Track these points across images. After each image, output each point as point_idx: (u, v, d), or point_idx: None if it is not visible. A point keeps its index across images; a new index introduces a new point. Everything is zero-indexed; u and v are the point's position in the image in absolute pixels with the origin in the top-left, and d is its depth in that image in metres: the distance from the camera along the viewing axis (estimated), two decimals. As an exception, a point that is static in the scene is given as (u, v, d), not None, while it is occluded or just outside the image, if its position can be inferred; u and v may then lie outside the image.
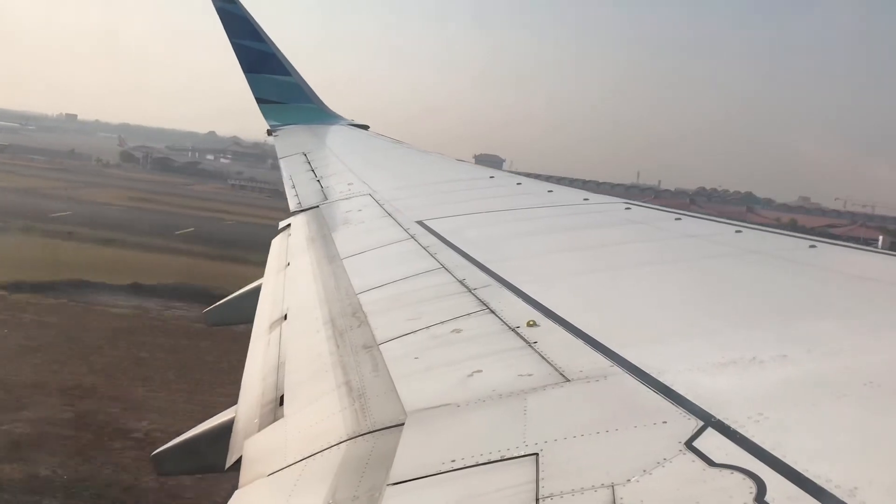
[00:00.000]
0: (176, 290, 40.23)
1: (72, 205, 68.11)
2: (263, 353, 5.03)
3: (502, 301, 4.41)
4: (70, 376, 26.14)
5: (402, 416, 3.21)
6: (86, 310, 35.69)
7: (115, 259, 46.15)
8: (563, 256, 5.64)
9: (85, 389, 25.15)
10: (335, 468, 3.00)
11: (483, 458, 2.66)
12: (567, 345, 3.59)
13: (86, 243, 51.01)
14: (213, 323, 9.32)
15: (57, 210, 62.83)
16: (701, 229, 5.94)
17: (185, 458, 5.17)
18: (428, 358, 3.85)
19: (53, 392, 24.34)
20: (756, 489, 2.13)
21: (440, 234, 6.50)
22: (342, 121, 19.24)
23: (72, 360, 27.95)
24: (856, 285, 4.34)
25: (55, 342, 29.68)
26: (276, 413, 4.01)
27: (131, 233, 55.84)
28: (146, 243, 53.34)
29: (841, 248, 5.01)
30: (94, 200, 75.17)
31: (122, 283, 40.28)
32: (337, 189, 10.56)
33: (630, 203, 7.20)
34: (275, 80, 18.96)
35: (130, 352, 30.06)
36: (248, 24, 18.73)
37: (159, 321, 35.69)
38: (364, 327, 4.57)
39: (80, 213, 63.43)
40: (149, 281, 41.22)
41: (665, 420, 2.66)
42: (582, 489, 2.32)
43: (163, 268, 44.99)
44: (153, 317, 36.36)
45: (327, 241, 7.47)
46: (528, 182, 9.30)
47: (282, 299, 6.09)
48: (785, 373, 2.96)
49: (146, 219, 65.34)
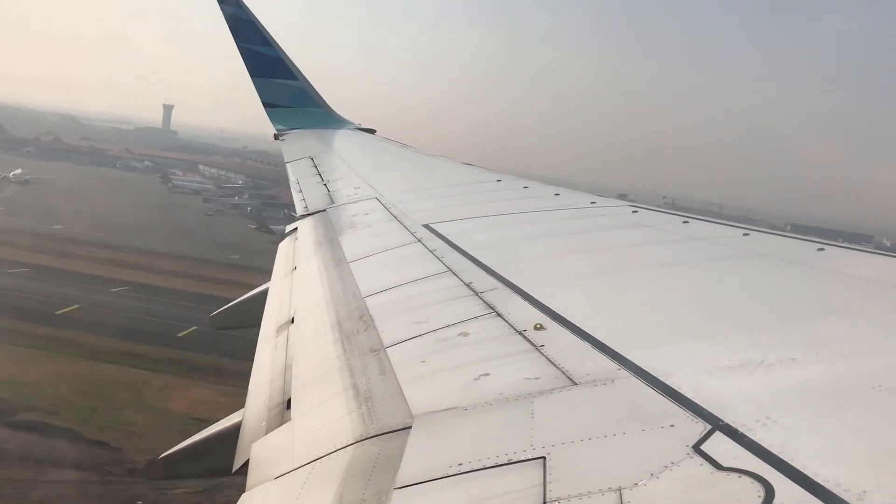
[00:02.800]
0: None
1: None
2: (271, 356, 5.04)
3: (509, 304, 4.41)
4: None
5: (409, 419, 3.21)
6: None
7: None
8: (570, 259, 5.63)
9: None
10: (342, 471, 3.01)
11: (490, 461, 2.66)
12: (574, 348, 3.59)
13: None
14: (218, 327, 9.34)
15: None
16: (709, 232, 5.93)
17: (193, 460, 5.18)
18: (435, 361, 3.85)
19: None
20: (764, 493, 2.12)
21: (447, 237, 6.50)
22: (349, 125, 19.25)
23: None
24: (864, 288, 4.32)
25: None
26: (283, 416, 4.01)
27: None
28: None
29: (849, 251, 4.98)
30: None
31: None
32: (344, 193, 10.57)
33: (637, 206, 7.18)
34: (282, 84, 19.00)
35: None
36: (256, 29, 18.78)
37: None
38: (371, 331, 4.57)
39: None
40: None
41: (673, 423, 2.65)
42: (589, 493, 2.32)
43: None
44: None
45: (334, 245, 7.48)
46: (534, 185, 9.28)
47: (289, 303, 6.10)
48: (793, 376, 2.95)
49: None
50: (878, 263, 4.73)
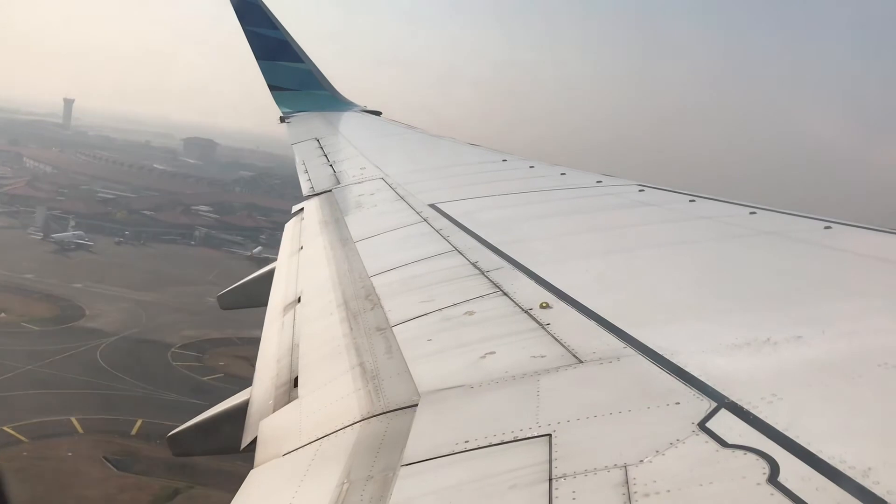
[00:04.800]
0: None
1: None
2: (278, 335, 5.07)
3: (515, 283, 4.41)
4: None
5: (416, 397, 3.23)
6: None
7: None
8: (576, 238, 5.62)
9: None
10: (349, 449, 3.03)
11: (496, 438, 2.67)
12: (580, 326, 3.59)
13: None
14: (225, 307, 9.36)
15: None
16: (715, 211, 5.90)
17: (201, 438, 5.21)
18: (441, 340, 3.86)
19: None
20: (769, 470, 2.13)
21: (453, 216, 6.50)
22: (355, 107, 19.17)
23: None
24: (871, 266, 4.30)
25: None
26: (290, 394, 4.04)
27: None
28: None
29: (856, 229, 4.96)
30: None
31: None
32: (349, 173, 10.55)
33: (644, 185, 7.15)
34: (288, 67, 18.90)
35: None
36: (261, 12, 18.66)
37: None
38: (377, 309, 4.59)
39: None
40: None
41: (678, 401, 2.66)
42: (595, 469, 2.33)
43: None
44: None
45: (340, 225, 7.48)
46: (540, 165, 9.24)
47: (295, 282, 6.12)
48: (799, 354, 2.95)
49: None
50: (885, 241, 4.70)
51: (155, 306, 65.03)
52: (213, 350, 55.83)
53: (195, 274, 77.00)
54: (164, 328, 60.06)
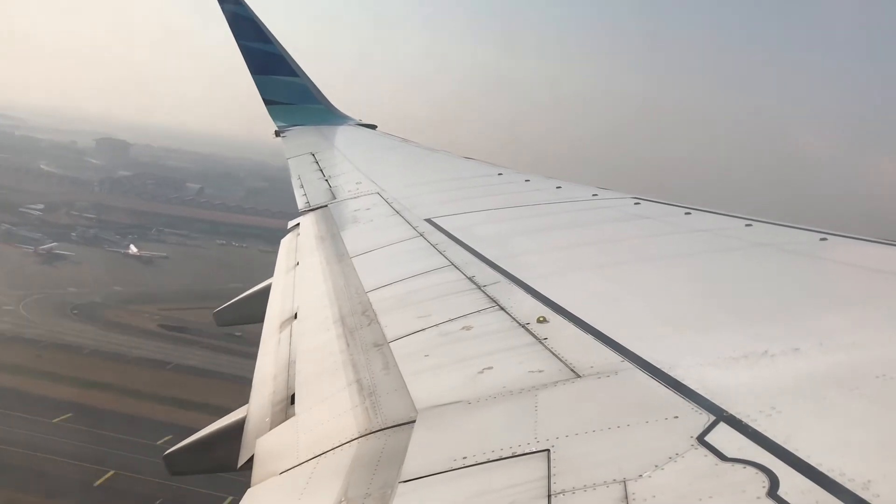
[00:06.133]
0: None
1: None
2: (274, 351, 5.05)
3: (512, 298, 4.41)
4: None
5: (413, 413, 3.22)
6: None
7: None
8: (572, 252, 5.62)
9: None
10: (347, 466, 3.01)
11: (494, 454, 2.66)
12: (577, 341, 3.59)
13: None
14: (222, 323, 9.33)
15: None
16: (711, 223, 5.91)
17: (197, 457, 5.19)
18: (438, 355, 3.85)
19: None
20: (769, 483, 2.12)
21: (449, 231, 6.50)
22: (350, 121, 19.23)
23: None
24: (867, 278, 4.31)
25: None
26: (287, 411, 4.02)
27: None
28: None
29: (852, 240, 4.97)
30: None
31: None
32: (345, 188, 10.56)
33: (640, 198, 7.16)
34: (282, 81, 18.96)
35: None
36: (255, 26, 18.74)
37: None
38: (374, 325, 4.57)
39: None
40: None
41: (677, 415, 2.65)
42: (594, 485, 2.32)
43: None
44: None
45: (336, 240, 7.48)
46: (536, 179, 9.26)
47: (292, 298, 6.11)
48: (797, 366, 2.95)
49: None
50: (881, 252, 4.71)
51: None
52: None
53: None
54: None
